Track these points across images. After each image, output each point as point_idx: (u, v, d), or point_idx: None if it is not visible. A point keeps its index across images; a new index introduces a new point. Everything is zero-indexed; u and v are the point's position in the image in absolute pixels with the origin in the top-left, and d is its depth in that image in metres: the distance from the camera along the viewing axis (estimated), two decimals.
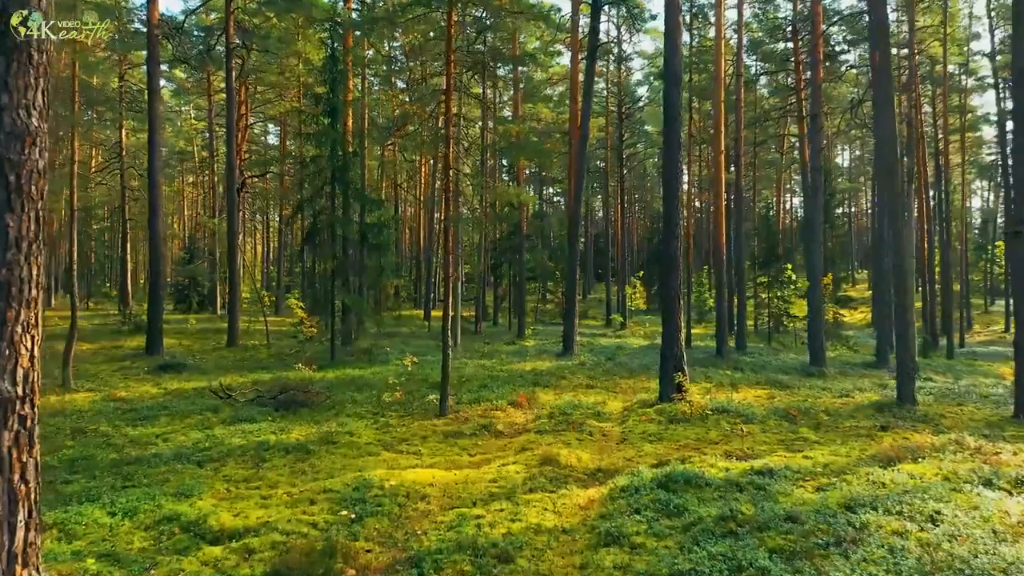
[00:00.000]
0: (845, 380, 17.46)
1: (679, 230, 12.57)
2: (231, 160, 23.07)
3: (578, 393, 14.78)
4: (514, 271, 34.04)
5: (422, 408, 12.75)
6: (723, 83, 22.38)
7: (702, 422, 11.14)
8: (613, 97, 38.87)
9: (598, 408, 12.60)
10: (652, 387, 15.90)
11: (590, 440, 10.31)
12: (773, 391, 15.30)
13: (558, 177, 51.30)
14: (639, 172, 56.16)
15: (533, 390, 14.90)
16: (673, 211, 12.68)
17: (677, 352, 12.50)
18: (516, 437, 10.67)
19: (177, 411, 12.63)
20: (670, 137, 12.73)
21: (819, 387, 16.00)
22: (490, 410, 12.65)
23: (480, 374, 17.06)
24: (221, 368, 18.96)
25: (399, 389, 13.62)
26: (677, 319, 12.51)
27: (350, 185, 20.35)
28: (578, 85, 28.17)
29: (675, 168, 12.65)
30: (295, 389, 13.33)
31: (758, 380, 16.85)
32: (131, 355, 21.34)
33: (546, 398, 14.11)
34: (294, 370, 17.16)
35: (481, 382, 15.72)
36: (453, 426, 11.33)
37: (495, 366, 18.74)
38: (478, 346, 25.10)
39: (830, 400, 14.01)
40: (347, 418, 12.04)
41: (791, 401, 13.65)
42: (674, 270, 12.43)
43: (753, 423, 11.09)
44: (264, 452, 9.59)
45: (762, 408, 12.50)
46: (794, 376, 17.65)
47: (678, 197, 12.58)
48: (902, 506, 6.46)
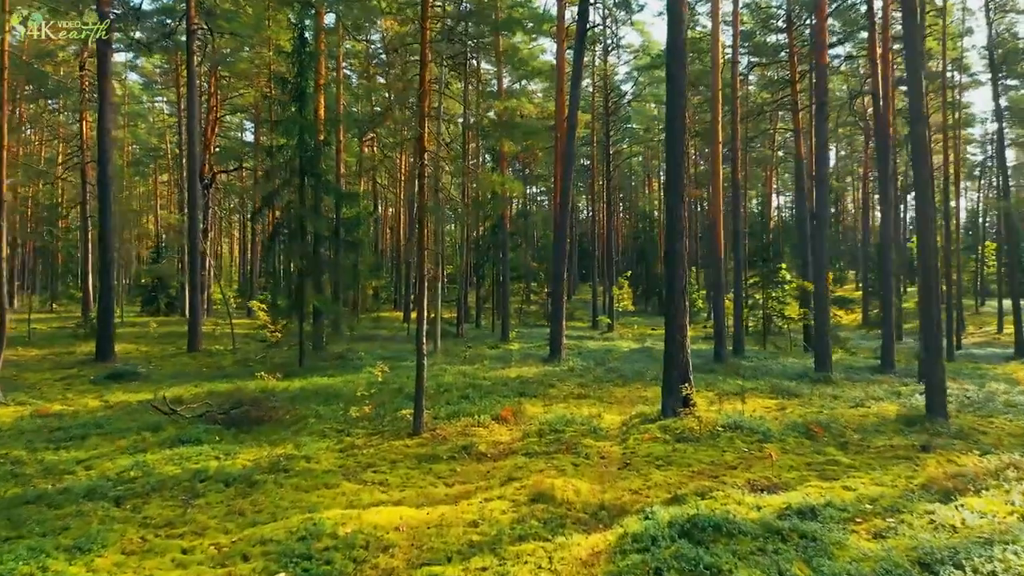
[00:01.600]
0: (854, 387, 16.19)
1: (683, 224, 11.16)
2: (193, 150, 21.34)
3: (569, 405, 13.35)
4: (497, 271, 32.59)
5: (394, 425, 11.23)
6: (719, 72, 21.08)
7: (714, 441, 9.74)
8: (599, 93, 37.53)
9: (593, 423, 11.16)
10: (650, 396, 14.53)
11: (587, 465, 8.85)
12: (782, 400, 13.97)
13: (543, 173, 49.88)
14: (624, 171, 54.90)
15: (519, 401, 13.44)
16: (676, 203, 11.29)
17: (682, 360, 11.10)
18: (501, 460, 9.19)
19: (112, 430, 11.00)
20: (673, 120, 11.33)
21: (829, 395, 14.70)
22: (471, 426, 11.16)
23: (460, 382, 15.56)
24: (177, 376, 17.29)
25: (369, 402, 12.08)
26: (683, 322, 11.10)
27: (321, 177, 18.74)
28: (564, 76, 26.79)
29: (678, 155, 11.25)
30: (250, 403, 11.75)
31: (763, 387, 15.52)
32: (80, 362, 19.56)
33: (534, 410, 12.66)
34: (256, 379, 15.57)
35: (461, 392, 14.22)
36: (428, 447, 9.82)
37: (477, 373, 17.25)
38: (459, 350, 23.59)
39: (847, 411, 12.70)
40: (307, 437, 10.49)
41: (805, 413, 12.31)
42: (678, 268, 11.02)
43: (771, 442, 9.71)
44: (200, 484, 8.03)
45: (777, 423, 11.14)
46: (800, 383, 16.35)
47: (682, 187, 11.18)
48: (992, 562, 5.08)
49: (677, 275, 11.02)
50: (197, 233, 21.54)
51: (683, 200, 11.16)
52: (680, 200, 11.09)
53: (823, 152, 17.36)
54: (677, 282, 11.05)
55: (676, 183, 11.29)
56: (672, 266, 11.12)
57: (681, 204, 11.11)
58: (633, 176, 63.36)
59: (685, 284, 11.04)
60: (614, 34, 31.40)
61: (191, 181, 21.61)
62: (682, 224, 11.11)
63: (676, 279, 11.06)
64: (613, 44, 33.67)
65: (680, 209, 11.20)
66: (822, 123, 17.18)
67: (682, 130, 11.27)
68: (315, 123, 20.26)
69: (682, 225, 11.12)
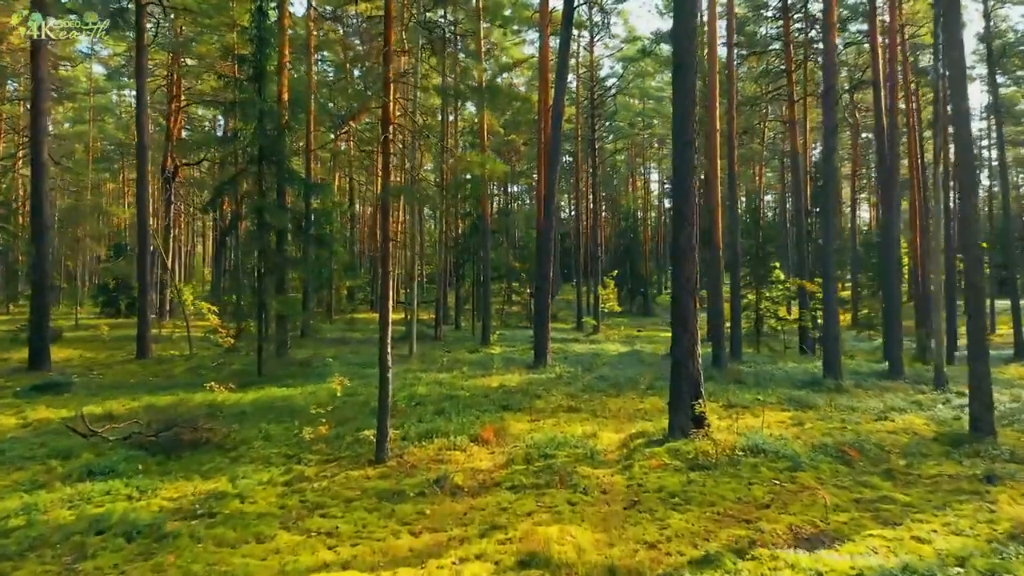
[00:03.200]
0: (869, 395, 14.76)
1: (692, 210, 9.58)
2: (142, 139, 19.37)
3: (559, 420, 11.73)
4: (478, 270, 30.92)
5: (355, 449, 9.52)
6: (716, 55, 19.59)
7: (735, 469, 8.17)
8: (584, 86, 35.96)
9: (589, 445, 9.54)
10: (648, 409, 12.96)
11: (587, 504, 7.22)
12: (796, 412, 12.47)
13: (525, 169, 48.27)
14: (607, 170, 53.44)
15: (502, 416, 11.80)
16: (686, 189, 9.70)
17: (692, 371, 9.51)
18: (481, 497, 7.53)
19: (12, 457, 9.16)
20: (681, 89, 9.75)
21: (845, 406, 13.23)
22: (446, 449, 9.49)
23: (436, 393, 13.87)
24: (117, 387, 15.38)
25: (326, 420, 10.35)
26: (693, 326, 9.50)
27: (283, 165, 16.94)
28: (548, 64, 25.23)
29: (687, 133, 9.66)
30: (185, 423, 9.94)
31: (772, 397, 14.01)
32: (11, 371, 17.55)
33: (519, 428, 11.02)
34: (205, 390, 13.79)
35: (437, 406, 12.54)
36: (392, 479, 8.13)
37: (455, 382, 15.56)
38: (437, 354, 21.88)
39: (872, 426, 11.23)
40: (248, 466, 8.75)
41: (828, 429, 10.81)
42: (687, 263, 9.43)
43: (803, 469, 8.17)
44: (96, 537, 6.27)
45: (800, 443, 9.61)
46: (811, 391, 14.88)
47: (691, 172, 9.61)
48: None
49: (686, 270, 9.43)
50: (146, 229, 19.59)
51: (692, 178, 9.57)
52: (689, 178, 9.50)
53: (832, 140, 15.91)
54: (685, 279, 9.46)
55: (684, 156, 9.66)
56: (679, 260, 9.53)
57: (690, 191, 9.53)
58: (616, 175, 62.01)
59: (696, 281, 9.46)
60: (604, 21, 29.77)
61: (140, 173, 19.63)
62: (691, 209, 9.52)
63: (684, 275, 9.46)
64: (601, 27, 32.06)
65: (689, 196, 9.62)
66: (830, 108, 15.74)
67: (691, 100, 9.66)
68: (279, 107, 18.45)
69: (692, 211, 9.54)
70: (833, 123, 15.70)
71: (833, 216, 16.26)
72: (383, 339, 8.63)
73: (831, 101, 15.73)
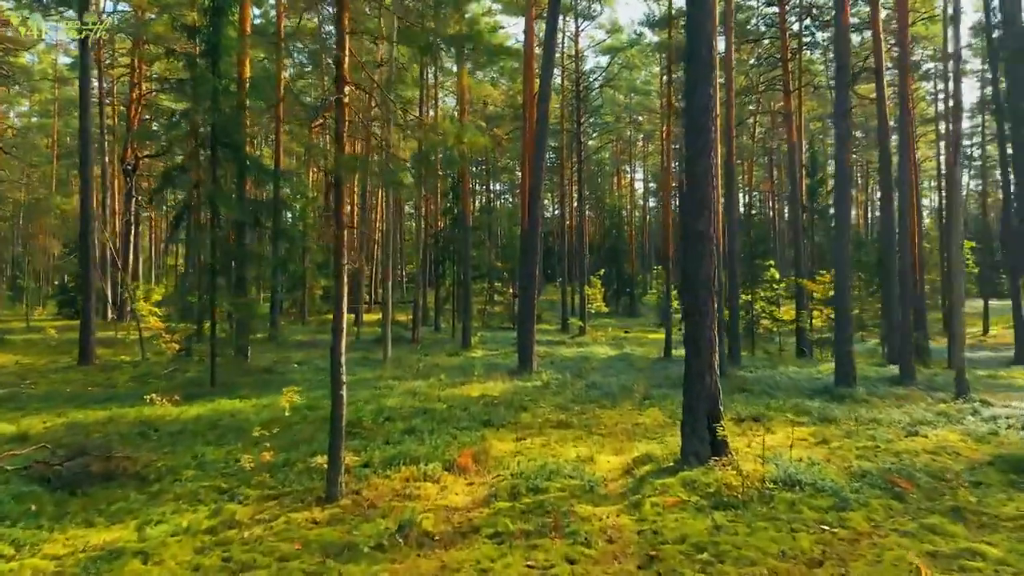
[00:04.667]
0: (888, 405, 13.37)
1: (710, 193, 8.04)
2: (85, 123, 17.46)
3: (549, 438, 10.15)
4: (459, 269, 29.27)
5: (304, 480, 7.87)
6: (716, 34, 18.10)
7: (769, 509, 6.65)
8: (568, 79, 34.44)
9: (586, 473, 7.99)
10: (648, 424, 11.45)
11: (590, 560, 5.65)
12: (817, 427, 11.02)
13: (507, 165, 46.68)
14: (591, 168, 51.97)
15: (483, 435, 10.20)
16: (703, 166, 8.14)
17: (710, 385, 7.94)
18: (456, 550, 5.92)
19: None
20: (695, 42, 8.21)
21: (867, 419, 11.81)
22: (415, 480, 7.87)
23: (408, 406, 12.23)
24: (46, 400, 13.53)
25: (271, 446, 8.68)
26: (710, 332, 7.95)
27: (239, 150, 15.20)
28: (533, 49, 23.75)
29: (704, 97, 8.13)
30: (98, 450, 8.22)
31: (784, 407, 12.56)
32: None
33: (503, 449, 9.44)
34: (144, 403, 12.05)
35: (408, 421, 10.90)
36: (344, 525, 6.49)
37: (431, 392, 13.92)
38: (414, 359, 20.23)
39: (907, 445, 9.79)
40: (167, 506, 7.07)
41: (861, 450, 9.35)
42: (705, 256, 7.88)
43: (851, 508, 6.67)
44: None
45: (835, 469, 8.13)
46: (824, 401, 13.45)
47: (710, 145, 8.08)
48: None
49: (703, 264, 7.86)
50: (90, 223, 17.69)
51: (711, 162, 8.04)
52: (707, 160, 7.97)
53: (844, 124, 14.49)
54: (702, 273, 7.90)
55: (699, 125, 8.10)
56: (696, 251, 7.95)
57: (709, 167, 7.98)
58: (600, 173, 60.62)
59: (713, 278, 7.93)
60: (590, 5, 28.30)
61: (83, 159, 17.73)
62: (709, 192, 7.97)
63: (701, 269, 7.89)
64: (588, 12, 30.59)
65: (707, 174, 8.06)
66: (843, 90, 14.33)
67: (708, 57, 8.11)
68: (241, 85, 16.69)
69: (709, 193, 7.98)
70: (846, 106, 14.29)
71: (847, 208, 14.83)
72: (335, 350, 6.99)
73: (844, 79, 14.32)
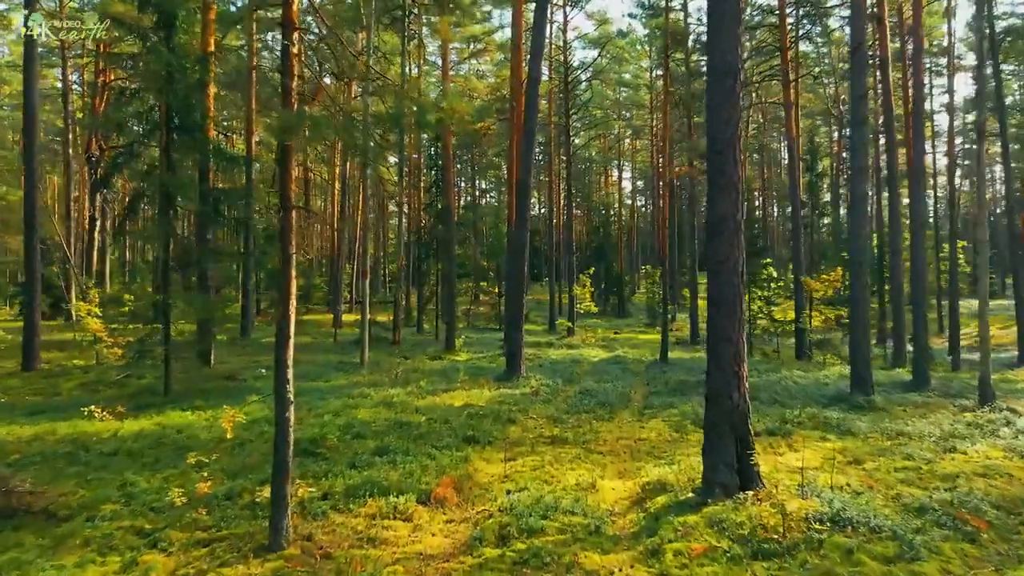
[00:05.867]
0: (908, 414, 12.21)
1: (737, 171, 6.73)
2: (30, 103, 15.84)
3: (543, 459, 8.80)
4: (443, 267, 27.87)
5: (245, 520, 6.45)
6: None
7: (819, 558, 5.35)
8: (557, 72, 33.07)
9: (589, 505, 6.66)
10: (653, 439, 10.16)
11: None
12: (843, 443, 9.77)
13: (493, 162, 45.28)
14: (577, 166, 50.70)
15: (466, 455, 8.83)
16: (728, 136, 6.82)
17: (739, 402, 6.59)
18: None
19: None
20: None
21: (893, 431, 10.59)
22: (383, 517, 6.49)
23: (382, 419, 10.82)
24: None
25: (213, 471, 7.26)
26: (738, 336, 6.62)
27: (196, 133, 13.70)
28: (522, 33, 22.40)
29: (729, 55, 6.82)
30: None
31: (801, 419, 11.31)
32: None
33: (489, 473, 8.10)
34: (81, 416, 10.56)
35: (380, 439, 9.50)
36: None
37: (409, 401, 12.52)
38: (393, 363, 18.82)
39: (952, 466, 8.57)
40: (72, 556, 5.64)
41: (903, 472, 8.12)
42: (734, 248, 6.56)
43: (920, 559, 5.39)
44: None
45: (882, 498, 6.88)
46: (842, 410, 12.24)
47: (736, 113, 6.78)
48: None
49: (730, 258, 6.54)
50: (34, 216, 16.05)
51: (736, 122, 6.72)
52: (732, 123, 6.63)
53: (862, 107, 13.26)
54: (728, 261, 6.58)
55: (724, 89, 6.80)
56: (721, 236, 6.63)
57: (734, 130, 6.66)
58: (587, 171, 59.45)
59: (742, 274, 6.62)
60: None
61: (27, 143, 16.11)
62: (734, 168, 6.64)
63: (727, 263, 6.57)
64: None
65: (731, 138, 6.73)
66: (860, 71, 13.11)
67: (734, 16, 6.81)
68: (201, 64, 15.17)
69: (734, 169, 6.65)
70: (863, 88, 13.08)
71: (864, 201, 13.61)
72: (280, 360, 5.62)
73: (861, 59, 13.10)
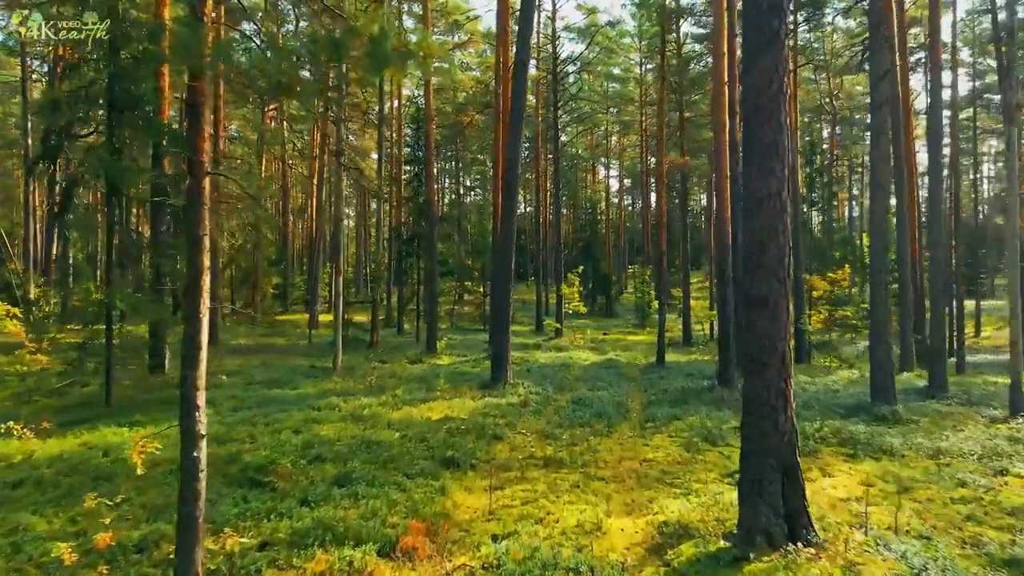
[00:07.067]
0: (942, 428, 10.97)
1: (782, 141, 5.41)
2: None
3: (535, 488, 7.40)
4: (424, 265, 26.42)
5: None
6: None
7: None
8: (545, 64, 31.70)
9: (594, 559, 5.29)
10: (660, 460, 8.83)
11: None
12: (878, 464, 8.51)
13: (477, 157, 43.84)
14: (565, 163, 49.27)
15: (443, 485, 7.41)
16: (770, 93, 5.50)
17: (785, 423, 5.21)
18: None
19: None
20: None
21: (929, 449, 9.35)
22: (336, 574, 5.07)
23: (348, 437, 9.36)
24: None
25: (124, 516, 5.79)
26: (783, 344, 5.23)
27: (141, 110, 12.15)
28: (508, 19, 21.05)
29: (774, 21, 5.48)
30: None
31: (823, 433, 10.01)
32: None
33: (471, 509, 6.70)
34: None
35: (342, 463, 8.04)
36: None
37: (380, 414, 11.07)
38: (369, 367, 17.34)
39: (1016, 496, 7.31)
40: None
41: (962, 505, 6.85)
42: (778, 233, 5.22)
43: None
44: None
45: (952, 542, 5.58)
46: (865, 422, 10.97)
47: (779, 58, 5.44)
48: None
49: (772, 246, 5.18)
50: None
51: (781, 74, 5.38)
52: (776, 77, 5.31)
53: (883, 87, 11.99)
54: (770, 258, 5.22)
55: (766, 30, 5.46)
56: (760, 226, 5.29)
57: (779, 85, 5.33)
58: (573, 169, 58.08)
59: (788, 267, 5.27)
60: None
61: None
62: (779, 138, 5.33)
63: (769, 252, 5.20)
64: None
65: (775, 93, 5.41)
66: (878, 52, 11.85)
67: None
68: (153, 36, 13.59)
69: (779, 139, 5.34)
70: (887, 65, 11.83)
71: (885, 194, 12.31)
72: (187, 381, 4.15)
73: (878, 39, 11.84)
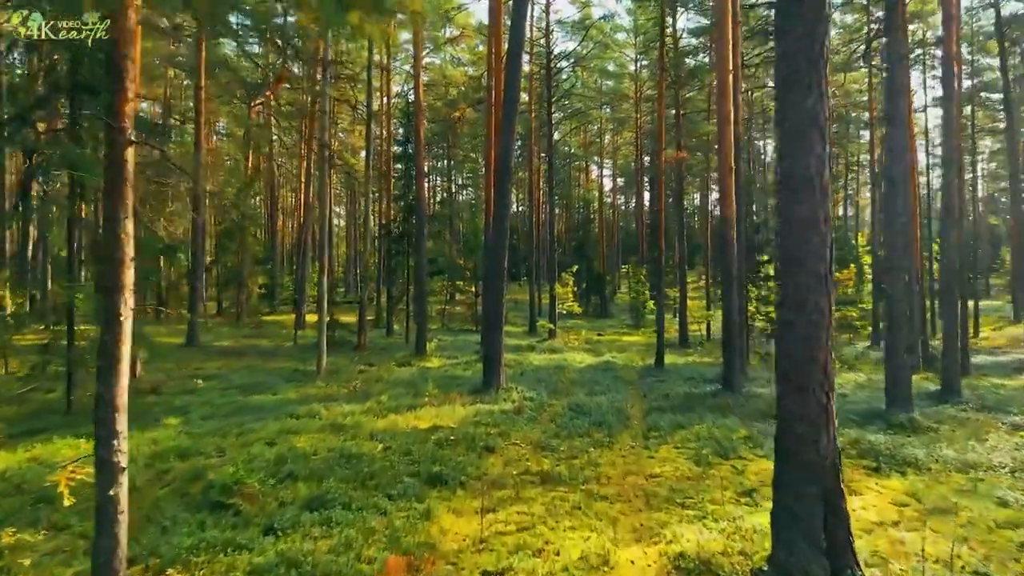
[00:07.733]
0: (964, 437, 10.26)
1: (824, 123, 4.63)
2: None
3: (531, 511, 6.60)
4: (414, 263, 25.57)
5: None
6: None
7: None
8: (538, 59, 30.87)
9: None
10: (668, 475, 8.06)
11: None
12: (906, 479, 7.77)
13: (470, 154, 43.01)
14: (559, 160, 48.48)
15: (429, 509, 6.59)
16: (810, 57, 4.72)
17: (827, 447, 4.36)
18: None
19: None
20: None
21: (956, 461, 8.64)
22: None
23: (326, 449, 8.52)
24: None
25: (59, 550, 4.95)
26: (825, 354, 4.46)
27: (102, 93, 11.24)
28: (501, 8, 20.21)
29: None
30: None
31: (841, 444, 9.23)
32: None
33: (460, 536, 5.89)
34: None
35: (317, 482, 7.20)
36: None
37: (364, 424, 10.24)
38: (355, 371, 16.50)
39: None
40: None
41: (1011, 529, 6.08)
42: (815, 224, 4.46)
43: None
44: None
45: None
46: (883, 432, 10.25)
47: (820, 18, 4.67)
48: None
49: (812, 240, 4.43)
50: None
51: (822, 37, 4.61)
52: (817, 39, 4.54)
53: (900, 76, 11.25)
54: (811, 254, 4.45)
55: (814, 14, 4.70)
56: (796, 216, 4.52)
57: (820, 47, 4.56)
58: (566, 168, 57.31)
59: (832, 270, 4.48)
60: None
61: None
62: (823, 108, 4.57)
63: (809, 246, 4.46)
64: None
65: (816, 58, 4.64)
66: (895, 31, 11.12)
67: None
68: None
69: (822, 122, 4.58)
70: (904, 46, 11.10)
71: (905, 189, 11.51)
72: (102, 401, 3.29)
73: (894, 19, 11.10)
